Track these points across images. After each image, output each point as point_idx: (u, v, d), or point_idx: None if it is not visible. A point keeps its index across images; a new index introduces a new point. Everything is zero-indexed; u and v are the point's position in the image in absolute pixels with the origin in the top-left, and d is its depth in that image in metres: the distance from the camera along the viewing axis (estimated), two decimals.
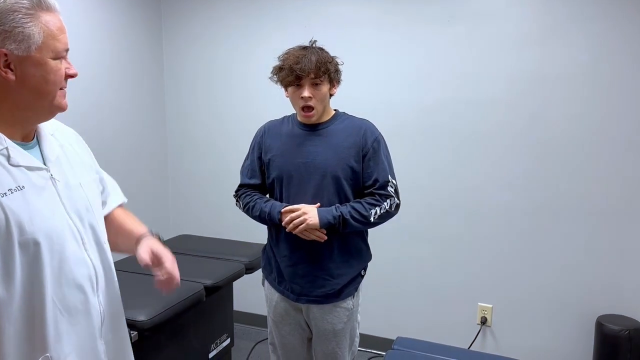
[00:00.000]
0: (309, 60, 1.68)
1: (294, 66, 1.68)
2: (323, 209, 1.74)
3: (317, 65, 1.68)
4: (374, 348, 3.05)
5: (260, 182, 1.92)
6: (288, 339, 1.95)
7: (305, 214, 1.71)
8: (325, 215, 1.72)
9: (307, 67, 1.67)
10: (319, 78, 1.70)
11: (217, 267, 2.51)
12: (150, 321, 1.94)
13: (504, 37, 2.62)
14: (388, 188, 1.78)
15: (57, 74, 1.05)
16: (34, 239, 1.01)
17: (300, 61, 1.68)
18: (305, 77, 1.69)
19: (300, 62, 1.68)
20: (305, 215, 1.71)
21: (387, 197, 1.78)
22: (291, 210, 1.75)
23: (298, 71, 1.68)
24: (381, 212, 1.77)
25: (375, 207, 1.76)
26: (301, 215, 1.71)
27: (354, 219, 1.73)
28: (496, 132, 2.69)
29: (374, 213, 1.75)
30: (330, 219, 1.72)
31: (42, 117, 1.11)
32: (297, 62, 1.68)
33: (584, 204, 2.59)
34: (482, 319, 2.84)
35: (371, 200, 1.77)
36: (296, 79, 1.69)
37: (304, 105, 1.74)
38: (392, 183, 1.79)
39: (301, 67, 1.67)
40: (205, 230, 3.26)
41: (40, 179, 1.07)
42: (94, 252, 1.17)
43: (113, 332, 1.22)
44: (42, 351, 1.05)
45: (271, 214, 1.79)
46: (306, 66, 1.67)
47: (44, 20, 1.02)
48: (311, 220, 1.71)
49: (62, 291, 1.07)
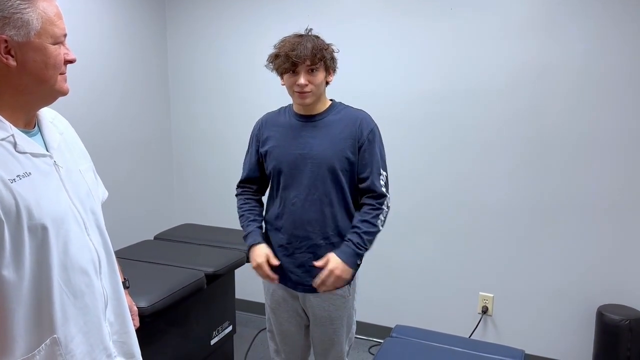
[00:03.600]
0: (304, 47, 1.67)
1: (290, 53, 1.67)
2: (344, 255, 1.75)
3: (313, 51, 1.68)
4: (373, 336, 3.07)
5: (259, 175, 1.94)
6: (285, 326, 1.96)
7: (336, 273, 1.73)
8: (352, 261, 1.75)
9: (303, 54, 1.66)
10: (315, 65, 1.70)
11: (218, 255, 2.53)
12: (152, 307, 1.97)
13: (505, 27, 2.60)
14: (380, 183, 1.79)
15: (57, 58, 1.07)
16: (42, 224, 1.03)
17: (296, 48, 1.67)
18: (301, 63, 1.68)
19: (296, 49, 1.67)
20: (337, 272, 1.73)
21: (383, 198, 1.80)
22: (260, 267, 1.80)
23: (294, 58, 1.67)
24: (384, 216, 1.81)
25: (379, 215, 1.79)
26: (332, 276, 1.73)
27: (370, 242, 1.79)
28: (497, 123, 2.69)
29: (380, 222, 1.80)
30: (357, 261, 1.78)
31: (44, 102, 1.13)
32: (292, 49, 1.67)
33: (585, 195, 2.58)
34: (483, 308, 2.85)
35: (372, 212, 1.79)
36: (292, 65, 1.69)
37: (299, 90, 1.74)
38: (383, 175, 1.82)
39: (297, 53, 1.66)
40: (209, 219, 3.28)
41: (45, 165, 1.09)
42: (96, 236, 1.19)
43: (116, 314, 1.25)
44: (50, 332, 1.07)
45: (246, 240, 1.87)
46: (302, 53, 1.66)
47: (42, 6, 1.04)
48: (345, 275, 1.75)
49: (68, 275, 1.09)
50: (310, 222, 1.80)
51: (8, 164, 1.02)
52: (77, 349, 1.12)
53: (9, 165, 1.02)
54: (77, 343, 1.12)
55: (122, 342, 1.27)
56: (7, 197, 0.99)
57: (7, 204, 0.99)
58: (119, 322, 1.26)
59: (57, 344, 1.08)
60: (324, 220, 1.80)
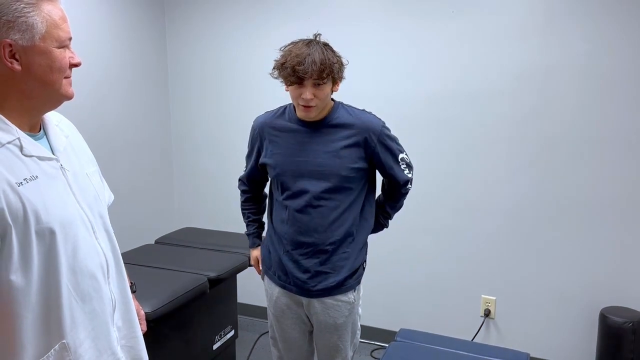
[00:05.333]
0: (312, 61, 1.59)
1: (297, 67, 1.59)
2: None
3: (321, 67, 1.60)
4: (377, 340, 3.06)
5: (260, 178, 1.95)
6: (289, 332, 1.94)
7: None
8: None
9: (310, 69, 1.59)
10: (322, 80, 1.64)
11: (220, 259, 2.51)
12: (155, 313, 1.96)
13: (509, 29, 2.60)
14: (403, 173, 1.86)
15: (62, 62, 1.06)
16: (49, 228, 1.02)
17: (303, 62, 1.59)
18: (308, 78, 1.62)
19: (303, 62, 1.59)
20: None
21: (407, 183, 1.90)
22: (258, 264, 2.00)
23: (300, 73, 1.60)
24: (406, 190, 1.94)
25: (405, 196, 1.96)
26: None
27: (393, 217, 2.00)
28: (501, 124, 2.68)
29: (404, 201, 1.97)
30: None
31: (49, 106, 1.12)
32: (299, 63, 1.60)
33: (588, 197, 2.58)
34: (485, 311, 2.84)
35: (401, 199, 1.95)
36: (298, 79, 1.63)
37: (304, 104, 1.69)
38: (403, 162, 1.86)
39: (304, 68, 1.59)
40: (210, 223, 3.27)
41: (52, 169, 1.08)
42: (104, 240, 1.18)
43: (123, 318, 1.24)
44: (59, 338, 1.06)
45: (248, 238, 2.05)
46: (309, 68, 1.59)
47: (46, 9, 1.03)
48: None
49: (76, 279, 1.08)
50: (317, 229, 1.76)
51: (14, 167, 1.01)
52: (86, 354, 1.11)
53: (16, 169, 1.00)
54: (85, 348, 1.11)
55: (130, 347, 1.26)
56: (14, 201, 0.98)
57: (14, 207, 0.97)
58: (126, 326, 1.25)
59: (66, 349, 1.07)
60: (330, 227, 1.77)
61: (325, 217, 1.76)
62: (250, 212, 2.02)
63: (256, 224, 2.03)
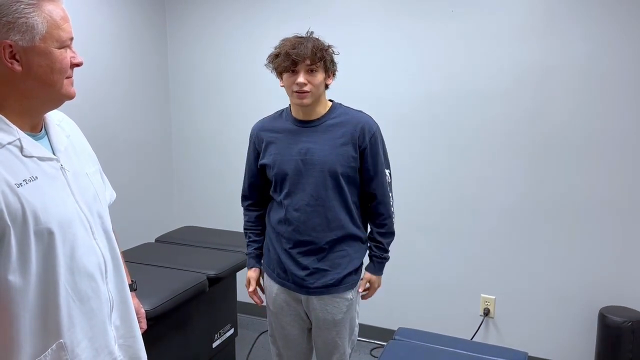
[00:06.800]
0: (305, 46, 1.67)
1: (290, 51, 1.67)
2: (378, 271, 1.97)
3: (313, 50, 1.68)
4: (376, 339, 3.06)
5: (260, 182, 1.94)
6: (288, 330, 1.95)
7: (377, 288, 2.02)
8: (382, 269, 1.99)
9: (303, 52, 1.66)
10: (314, 64, 1.69)
11: (220, 257, 2.52)
12: (154, 311, 1.96)
13: (508, 29, 2.60)
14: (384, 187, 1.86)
15: (63, 62, 1.06)
16: (48, 229, 1.03)
17: (296, 47, 1.67)
18: (301, 62, 1.67)
19: (297, 47, 1.67)
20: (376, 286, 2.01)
21: (388, 201, 1.88)
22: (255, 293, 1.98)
23: (294, 56, 1.66)
24: (393, 216, 1.91)
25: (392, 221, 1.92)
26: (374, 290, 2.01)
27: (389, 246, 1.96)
28: (500, 125, 2.69)
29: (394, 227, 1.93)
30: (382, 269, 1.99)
31: (50, 106, 1.12)
32: (293, 47, 1.68)
33: (588, 197, 2.58)
34: (484, 310, 2.84)
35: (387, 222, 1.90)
36: (292, 64, 1.68)
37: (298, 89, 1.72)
38: (387, 176, 1.86)
39: (297, 52, 1.66)
40: (209, 221, 3.27)
41: (52, 169, 1.08)
42: (102, 240, 1.18)
43: (121, 318, 1.24)
44: (56, 337, 1.07)
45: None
46: (302, 51, 1.66)
47: (47, 9, 1.02)
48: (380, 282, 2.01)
49: (74, 279, 1.09)
50: (315, 227, 1.79)
51: (14, 168, 1.01)
52: (83, 353, 1.12)
53: (15, 170, 1.01)
54: (82, 348, 1.12)
55: (128, 346, 1.26)
56: (13, 202, 0.98)
57: (13, 208, 0.98)
58: (125, 326, 1.25)
59: (63, 349, 1.08)
60: (328, 225, 1.79)
61: (322, 216, 1.78)
62: (252, 233, 1.99)
63: (256, 244, 1.99)
